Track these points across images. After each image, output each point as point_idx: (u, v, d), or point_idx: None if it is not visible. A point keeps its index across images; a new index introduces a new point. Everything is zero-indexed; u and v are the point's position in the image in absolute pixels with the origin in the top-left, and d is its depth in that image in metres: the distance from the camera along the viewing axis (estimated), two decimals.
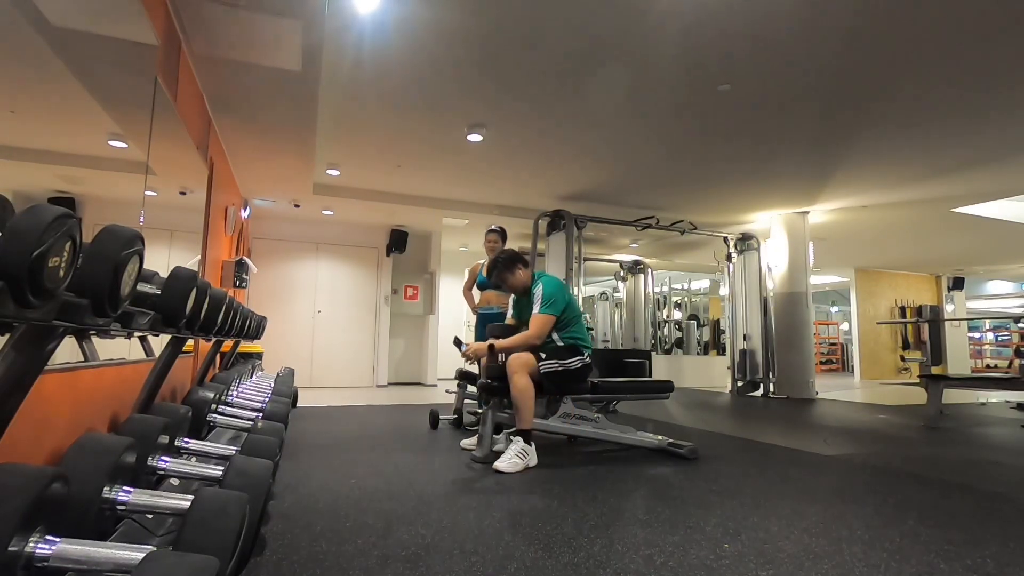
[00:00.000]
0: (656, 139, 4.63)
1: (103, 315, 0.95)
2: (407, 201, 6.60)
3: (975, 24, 2.88)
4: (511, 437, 2.78)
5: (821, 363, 13.92)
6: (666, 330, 11.03)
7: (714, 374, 9.39)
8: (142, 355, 2.29)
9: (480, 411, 3.34)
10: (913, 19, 2.84)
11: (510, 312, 3.39)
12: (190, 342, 2.74)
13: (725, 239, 7.65)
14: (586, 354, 3.01)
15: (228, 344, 4.10)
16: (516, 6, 2.77)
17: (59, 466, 1.16)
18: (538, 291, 3.00)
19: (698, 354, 10.74)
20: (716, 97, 3.75)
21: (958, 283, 12.22)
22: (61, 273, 0.81)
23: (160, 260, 1.90)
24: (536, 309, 2.96)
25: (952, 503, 2.20)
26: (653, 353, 6.52)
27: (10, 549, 0.87)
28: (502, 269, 3.10)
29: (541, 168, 5.44)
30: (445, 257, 8.62)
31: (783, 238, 7.11)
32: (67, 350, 1.62)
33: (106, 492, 1.22)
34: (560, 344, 2.99)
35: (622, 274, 9.74)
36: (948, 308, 12.15)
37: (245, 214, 6.11)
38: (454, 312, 9.34)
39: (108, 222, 0.99)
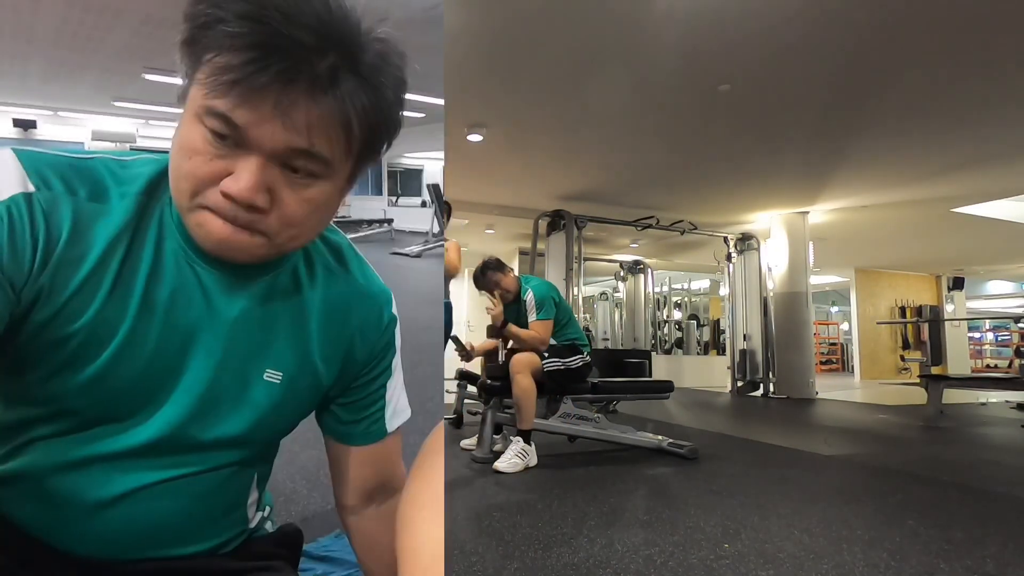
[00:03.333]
0: (656, 139, 4.63)
1: None
2: None
3: (976, 23, 2.87)
4: (511, 437, 2.78)
5: (821, 363, 13.87)
6: (666, 330, 11.02)
7: (714, 374, 9.36)
8: None
9: (480, 411, 3.33)
10: (914, 18, 2.84)
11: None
12: None
13: (725, 239, 7.64)
14: (585, 352, 3.02)
15: None
16: (517, 6, 2.77)
17: None
18: (529, 298, 3.00)
19: (698, 354, 10.72)
20: (716, 97, 3.75)
21: (958, 283, 12.21)
22: None
23: None
24: (533, 316, 2.97)
25: (952, 503, 2.20)
26: (653, 353, 6.52)
27: None
28: (494, 271, 3.08)
29: (541, 168, 5.44)
30: None
31: (783, 238, 7.10)
32: None
33: None
34: (559, 345, 3.00)
35: (622, 274, 9.73)
36: (948, 308, 12.14)
37: None
38: (454, 312, 9.33)
39: None
